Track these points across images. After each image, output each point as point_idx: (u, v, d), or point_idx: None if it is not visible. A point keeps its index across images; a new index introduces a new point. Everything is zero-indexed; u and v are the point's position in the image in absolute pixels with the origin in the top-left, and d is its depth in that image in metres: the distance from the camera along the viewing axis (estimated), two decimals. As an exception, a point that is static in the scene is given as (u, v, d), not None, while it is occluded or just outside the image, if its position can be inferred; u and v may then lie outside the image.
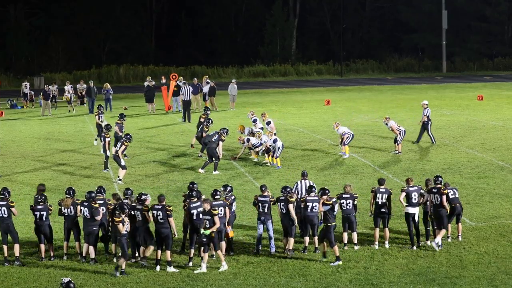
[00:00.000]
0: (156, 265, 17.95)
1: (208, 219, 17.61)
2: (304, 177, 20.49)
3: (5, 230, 18.52)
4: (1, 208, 18.50)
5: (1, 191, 18.79)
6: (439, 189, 19.30)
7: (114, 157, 27.03)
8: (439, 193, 19.24)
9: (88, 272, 17.69)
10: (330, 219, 18.37)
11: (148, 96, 46.71)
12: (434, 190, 19.34)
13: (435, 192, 19.29)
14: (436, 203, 19.28)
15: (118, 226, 17.57)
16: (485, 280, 16.79)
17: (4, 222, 18.50)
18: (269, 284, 16.86)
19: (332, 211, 18.47)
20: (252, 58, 78.83)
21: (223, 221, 18.26)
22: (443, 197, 19.19)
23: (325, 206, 18.48)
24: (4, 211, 18.49)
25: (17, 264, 18.24)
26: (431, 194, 19.35)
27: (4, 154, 32.62)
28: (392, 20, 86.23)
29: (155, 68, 72.78)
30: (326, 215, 18.41)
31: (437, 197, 19.24)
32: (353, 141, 32.33)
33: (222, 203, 18.42)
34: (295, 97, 55.60)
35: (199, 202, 18.34)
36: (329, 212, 18.43)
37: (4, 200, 18.61)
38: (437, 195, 19.24)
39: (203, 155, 30.15)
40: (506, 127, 37.34)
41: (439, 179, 19.55)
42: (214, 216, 17.55)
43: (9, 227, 18.50)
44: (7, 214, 18.50)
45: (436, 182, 19.48)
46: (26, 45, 77.39)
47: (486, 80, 68.32)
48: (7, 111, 48.62)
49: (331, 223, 18.34)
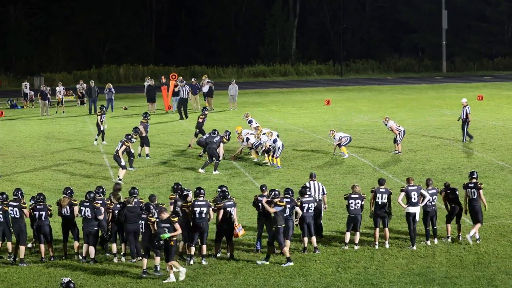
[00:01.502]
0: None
1: (167, 226, 17.27)
2: (313, 178, 20.44)
3: (17, 231, 18.54)
4: (14, 209, 18.55)
5: (14, 191, 18.87)
6: (476, 183, 19.65)
7: (115, 156, 27.05)
8: (476, 187, 19.57)
9: (88, 272, 17.69)
10: (280, 220, 18.15)
11: (150, 96, 46.70)
12: (470, 184, 19.67)
13: (472, 186, 19.61)
14: (472, 197, 19.57)
15: (152, 226, 17.54)
16: (485, 280, 16.79)
17: (16, 223, 18.54)
18: (269, 284, 16.86)
19: (283, 213, 18.30)
20: (252, 58, 78.85)
21: (205, 221, 18.24)
22: (480, 192, 19.55)
23: (277, 207, 18.22)
24: (16, 211, 18.53)
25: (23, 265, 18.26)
26: (467, 189, 19.64)
27: (4, 154, 32.63)
28: (392, 20, 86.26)
29: (155, 68, 72.81)
30: (277, 217, 18.19)
31: (474, 192, 19.55)
32: (353, 141, 32.35)
33: (204, 203, 18.36)
34: (295, 97, 55.61)
35: (204, 201, 18.35)
36: (280, 213, 18.25)
37: (17, 201, 18.67)
38: (474, 190, 19.56)
39: (204, 155, 30.17)
40: (506, 127, 37.35)
41: (474, 174, 19.93)
42: (173, 223, 17.17)
43: (21, 228, 18.52)
44: (19, 215, 18.54)
45: (472, 177, 19.79)
46: (26, 45, 77.41)
47: (486, 80, 68.33)
48: (7, 111, 48.63)
49: (281, 224, 18.15)
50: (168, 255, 17.09)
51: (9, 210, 18.60)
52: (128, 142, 27.24)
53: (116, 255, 18.63)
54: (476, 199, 19.56)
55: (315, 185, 20.18)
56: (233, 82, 48.66)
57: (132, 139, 27.97)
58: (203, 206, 18.31)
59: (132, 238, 18.45)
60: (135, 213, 18.34)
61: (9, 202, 18.74)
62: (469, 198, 19.63)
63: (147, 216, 17.52)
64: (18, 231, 18.53)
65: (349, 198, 19.20)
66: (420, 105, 48.26)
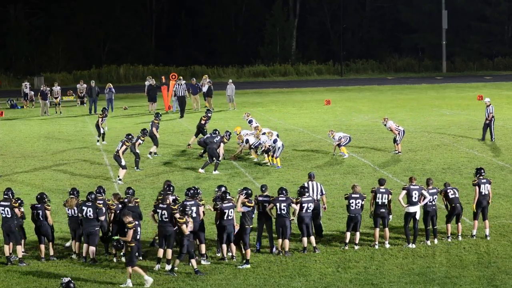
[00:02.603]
0: (157, 263, 18.02)
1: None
2: (311, 179, 20.42)
3: (7, 231, 18.48)
4: (4, 208, 18.51)
5: (5, 191, 18.82)
6: (487, 179, 20.16)
7: (115, 156, 27.05)
8: (488, 182, 20.01)
9: (88, 272, 17.69)
10: (248, 221, 18.11)
11: (151, 96, 46.72)
12: (483, 180, 19.98)
13: (485, 182, 19.95)
14: (485, 193, 19.90)
15: (182, 227, 17.54)
16: (485, 280, 16.79)
17: (6, 222, 18.49)
18: (269, 284, 16.86)
19: (251, 214, 18.17)
20: (252, 58, 78.84)
21: (197, 221, 18.18)
22: (490, 186, 20.04)
23: (245, 208, 18.15)
24: (7, 211, 18.49)
25: (22, 265, 18.25)
26: (481, 185, 19.88)
27: (4, 154, 32.63)
28: (392, 20, 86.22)
29: (155, 68, 72.79)
30: (244, 217, 18.13)
31: (487, 186, 19.93)
32: (353, 141, 32.35)
33: (194, 202, 18.32)
34: (295, 97, 55.60)
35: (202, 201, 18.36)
36: (248, 214, 18.17)
37: (7, 200, 18.62)
38: (487, 184, 19.94)
39: (205, 155, 30.19)
40: (506, 127, 37.34)
41: (482, 170, 20.32)
42: (129, 229, 17.06)
43: (11, 228, 18.42)
44: (10, 215, 18.49)
45: (481, 173, 20.16)
46: (26, 45, 77.38)
47: (486, 80, 68.32)
48: (7, 111, 48.62)
49: (249, 225, 18.09)
50: (128, 260, 17.00)
51: (0, 210, 18.53)
52: (129, 142, 27.22)
53: (116, 255, 18.63)
54: (487, 195, 19.97)
55: (314, 185, 20.18)
56: (230, 82, 48.67)
57: (139, 140, 28.40)
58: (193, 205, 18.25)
59: None
60: (135, 212, 18.36)
61: (0, 202, 18.66)
62: (480, 194, 19.89)
63: (178, 216, 17.56)
64: (8, 231, 18.41)
65: (350, 198, 19.20)
66: (420, 105, 48.25)
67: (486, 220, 19.98)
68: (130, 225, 17.07)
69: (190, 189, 18.64)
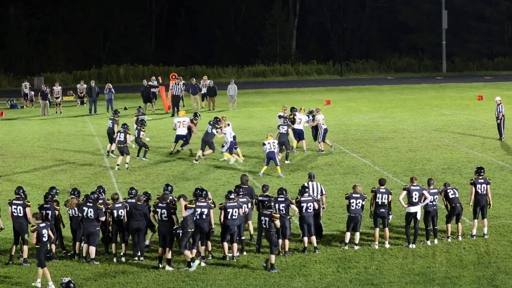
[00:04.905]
0: (159, 263, 18.05)
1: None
2: (311, 179, 20.41)
3: (18, 230, 18.53)
4: (17, 207, 18.55)
5: (16, 190, 18.89)
6: (485, 178, 20.21)
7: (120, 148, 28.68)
8: (486, 182, 20.09)
9: (88, 272, 17.69)
10: (190, 224, 17.91)
11: (145, 97, 46.71)
12: (480, 180, 20.09)
13: (482, 182, 20.05)
14: (482, 192, 20.02)
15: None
16: (485, 280, 16.80)
17: (18, 221, 18.51)
18: (269, 284, 16.86)
19: (193, 216, 17.97)
20: (252, 58, 78.84)
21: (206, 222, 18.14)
22: (488, 186, 20.10)
23: (188, 210, 17.98)
24: (19, 210, 18.53)
25: (26, 265, 18.26)
26: (478, 185, 19.98)
27: (4, 154, 32.62)
28: (391, 20, 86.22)
29: (155, 68, 72.79)
30: (186, 221, 17.89)
31: (484, 187, 20.02)
32: (353, 141, 32.36)
33: (206, 204, 18.26)
34: (295, 97, 55.57)
35: (205, 202, 18.35)
36: (190, 217, 17.96)
37: (20, 199, 18.67)
38: (484, 185, 20.03)
39: (207, 156, 30.27)
40: (506, 127, 37.34)
41: (482, 170, 20.36)
42: (33, 231, 17.05)
43: (22, 227, 18.48)
44: (22, 213, 18.52)
45: (481, 173, 20.23)
46: (26, 45, 77.37)
47: (486, 80, 68.34)
48: (7, 111, 48.60)
49: (191, 228, 17.91)
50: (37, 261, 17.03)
51: (13, 208, 18.59)
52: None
53: (116, 255, 18.64)
54: (485, 194, 20.02)
55: (314, 185, 20.18)
56: (232, 82, 48.64)
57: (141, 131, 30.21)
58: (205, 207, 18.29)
59: (135, 236, 18.51)
60: (141, 211, 18.43)
61: (12, 201, 18.76)
62: (478, 193, 19.96)
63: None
64: (19, 230, 18.51)
65: (350, 198, 19.20)
66: (420, 105, 48.25)
67: (485, 219, 20.00)
68: (32, 227, 17.16)
69: (202, 190, 18.50)
